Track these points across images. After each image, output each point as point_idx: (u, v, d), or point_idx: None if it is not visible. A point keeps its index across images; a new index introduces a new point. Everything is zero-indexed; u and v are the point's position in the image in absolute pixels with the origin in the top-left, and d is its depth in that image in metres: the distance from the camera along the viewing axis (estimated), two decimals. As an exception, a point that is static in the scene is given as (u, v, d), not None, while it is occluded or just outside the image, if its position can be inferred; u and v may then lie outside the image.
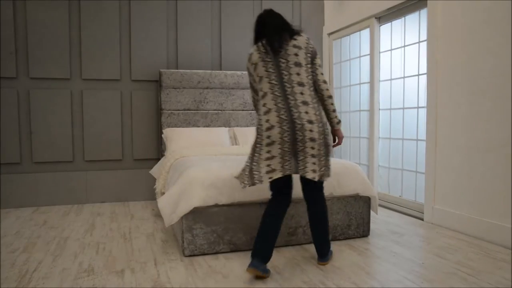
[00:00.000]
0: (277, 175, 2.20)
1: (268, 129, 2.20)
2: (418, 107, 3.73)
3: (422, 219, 3.43)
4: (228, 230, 2.63)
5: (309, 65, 2.29)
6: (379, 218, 3.50)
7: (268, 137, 2.20)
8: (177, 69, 4.41)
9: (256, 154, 2.25)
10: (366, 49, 4.29)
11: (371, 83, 4.13)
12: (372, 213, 3.63)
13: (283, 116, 2.19)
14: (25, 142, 4.03)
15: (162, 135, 4.11)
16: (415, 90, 3.74)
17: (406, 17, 3.78)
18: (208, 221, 2.58)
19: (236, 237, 2.65)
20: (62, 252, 2.67)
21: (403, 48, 3.88)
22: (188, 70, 4.31)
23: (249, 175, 2.25)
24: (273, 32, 2.26)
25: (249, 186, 2.25)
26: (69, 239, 2.96)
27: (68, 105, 4.11)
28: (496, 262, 2.44)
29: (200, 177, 2.64)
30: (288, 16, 4.66)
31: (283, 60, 2.24)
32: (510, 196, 2.68)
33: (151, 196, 4.38)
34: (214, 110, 4.38)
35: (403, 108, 3.89)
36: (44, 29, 4.01)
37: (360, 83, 4.43)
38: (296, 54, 2.25)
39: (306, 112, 2.20)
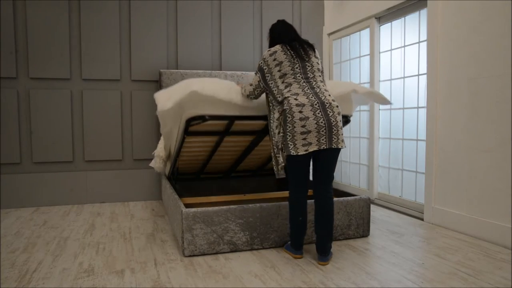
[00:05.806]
0: (313, 148, 2.28)
1: (298, 105, 2.30)
2: (418, 107, 3.72)
3: (422, 219, 3.43)
4: (228, 230, 2.63)
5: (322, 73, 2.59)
6: (379, 218, 3.50)
7: (300, 112, 2.28)
8: (177, 69, 4.41)
9: (288, 131, 2.31)
10: (366, 49, 4.29)
11: (371, 83, 4.12)
12: (372, 213, 3.63)
13: (312, 98, 2.34)
14: (25, 142, 4.03)
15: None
16: (415, 90, 3.74)
17: (406, 17, 3.78)
18: (208, 221, 2.58)
19: (236, 237, 2.65)
20: (62, 252, 2.67)
21: (403, 48, 3.88)
22: (188, 70, 4.30)
23: (284, 148, 2.35)
24: (297, 42, 2.50)
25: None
26: (69, 239, 2.96)
27: (68, 105, 4.11)
28: (496, 262, 2.44)
29: (197, 80, 2.60)
30: (288, 16, 4.70)
31: (308, 65, 2.47)
32: (510, 196, 2.68)
33: (151, 196, 4.38)
34: (214, 110, 4.37)
35: (403, 108, 3.89)
36: (44, 29, 4.01)
37: (360, 83, 4.43)
38: (317, 63, 2.53)
39: (330, 95, 2.43)
